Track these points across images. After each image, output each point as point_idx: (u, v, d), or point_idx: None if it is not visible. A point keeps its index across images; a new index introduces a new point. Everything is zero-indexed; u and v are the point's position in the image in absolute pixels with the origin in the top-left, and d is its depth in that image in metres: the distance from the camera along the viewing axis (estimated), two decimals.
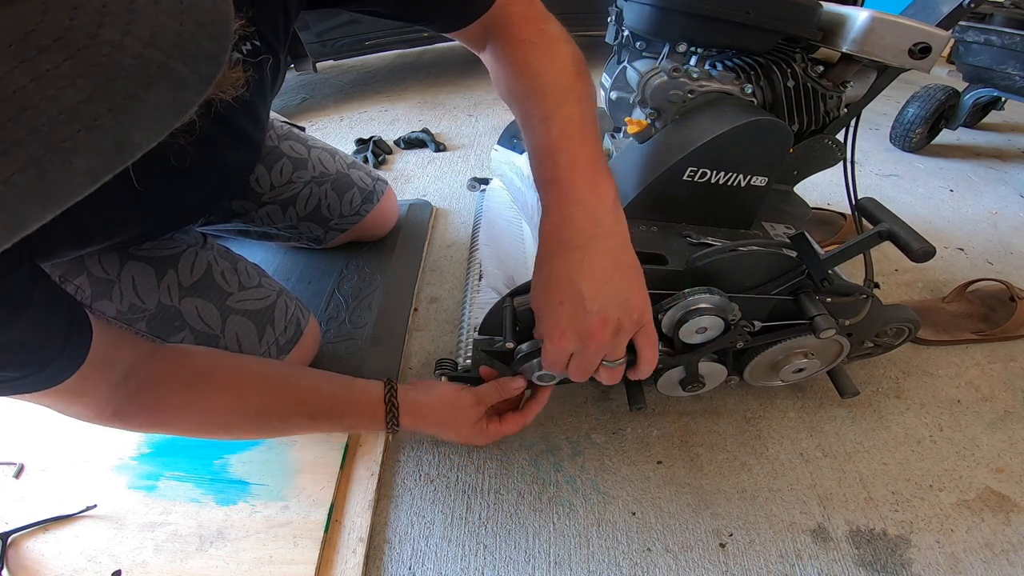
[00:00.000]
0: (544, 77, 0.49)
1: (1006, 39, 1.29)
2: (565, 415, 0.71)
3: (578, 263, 0.43)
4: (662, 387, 0.64)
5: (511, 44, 0.51)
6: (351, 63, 2.29)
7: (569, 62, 0.50)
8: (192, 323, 0.61)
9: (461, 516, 0.60)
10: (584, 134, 0.47)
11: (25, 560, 0.56)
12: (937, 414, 0.72)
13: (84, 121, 0.18)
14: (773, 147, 0.56)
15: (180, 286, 0.61)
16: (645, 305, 0.46)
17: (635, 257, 0.46)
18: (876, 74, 0.63)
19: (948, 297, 0.88)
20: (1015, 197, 1.29)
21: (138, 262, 0.60)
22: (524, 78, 0.50)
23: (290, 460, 0.65)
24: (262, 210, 0.83)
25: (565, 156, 0.46)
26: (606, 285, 0.43)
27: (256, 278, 0.69)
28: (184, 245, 0.64)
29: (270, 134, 0.83)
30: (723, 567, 0.56)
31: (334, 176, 0.87)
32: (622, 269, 0.45)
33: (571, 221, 0.44)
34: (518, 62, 0.50)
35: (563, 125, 0.47)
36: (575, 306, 0.43)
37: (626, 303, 0.44)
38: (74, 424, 0.69)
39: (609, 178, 0.47)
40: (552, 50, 0.50)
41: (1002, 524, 0.60)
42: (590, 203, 0.44)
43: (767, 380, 0.69)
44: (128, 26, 0.18)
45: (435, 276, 0.96)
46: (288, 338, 0.68)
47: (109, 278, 0.58)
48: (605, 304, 0.43)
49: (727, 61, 0.64)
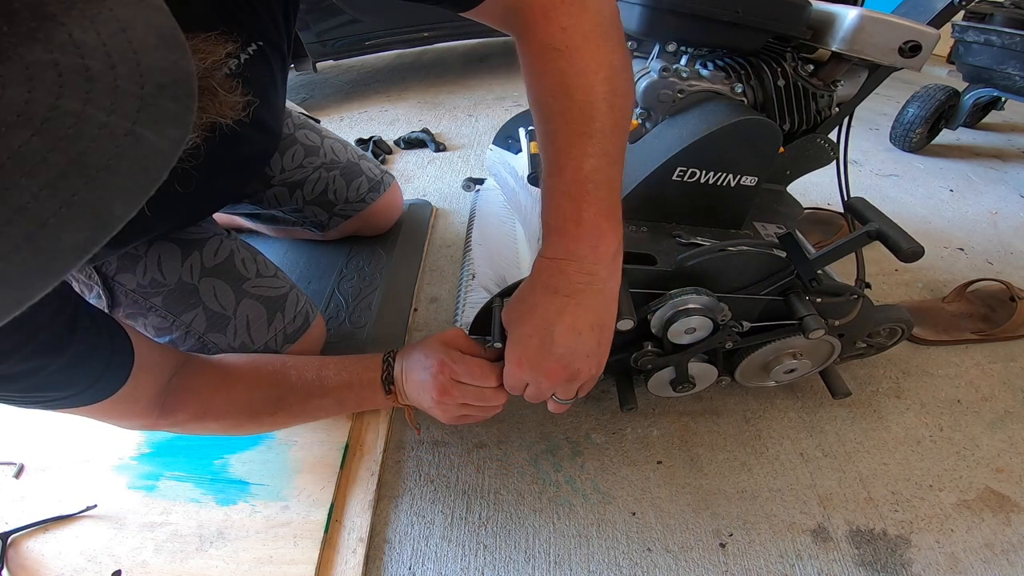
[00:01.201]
0: (567, 100, 0.42)
1: (1006, 39, 1.29)
2: (565, 415, 0.71)
3: (558, 310, 0.44)
4: (653, 388, 0.64)
5: (533, 48, 0.43)
6: (351, 63, 2.29)
7: (601, 76, 0.42)
8: (207, 301, 0.63)
9: (461, 516, 0.60)
10: (597, 180, 0.43)
11: (25, 560, 0.56)
12: (937, 414, 0.72)
13: (63, 197, 0.17)
14: (763, 146, 0.56)
15: (203, 266, 0.64)
16: (604, 360, 0.48)
17: (614, 315, 0.47)
18: (867, 73, 0.63)
19: (948, 297, 0.88)
20: (1015, 197, 1.29)
21: (166, 242, 0.63)
22: (545, 94, 0.43)
23: (290, 460, 0.65)
24: (270, 191, 0.85)
25: (571, 208, 0.43)
26: (578, 337, 0.45)
27: (273, 270, 0.71)
28: (211, 232, 0.67)
29: (287, 122, 0.85)
30: (723, 567, 0.56)
31: (344, 164, 0.89)
32: (597, 328, 0.46)
33: (563, 273, 0.44)
34: (539, 71, 0.43)
35: (577, 167, 0.42)
36: (542, 345, 0.45)
37: (589, 358, 0.46)
38: (74, 424, 0.69)
39: (615, 228, 0.45)
40: (581, 60, 0.42)
41: (1002, 524, 0.60)
42: (587, 259, 0.44)
43: (759, 381, 0.69)
44: (88, 94, 0.18)
45: (435, 276, 0.96)
46: (296, 328, 0.69)
47: (137, 254, 0.62)
48: (569, 353, 0.45)
49: (717, 60, 0.64)
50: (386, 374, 0.56)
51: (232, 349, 0.64)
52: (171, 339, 0.63)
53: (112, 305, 0.62)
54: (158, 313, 0.62)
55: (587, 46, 0.42)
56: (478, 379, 0.52)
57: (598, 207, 0.43)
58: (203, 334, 0.63)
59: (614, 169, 0.44)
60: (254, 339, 0.65)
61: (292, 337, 0.68)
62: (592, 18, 0.42)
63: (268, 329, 0.66)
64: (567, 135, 0.42)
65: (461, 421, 0.55)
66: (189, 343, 0.63)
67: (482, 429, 0.69)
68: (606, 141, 0.43)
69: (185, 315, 0.62)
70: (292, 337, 0.68)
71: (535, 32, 0.43)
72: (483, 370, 0.52)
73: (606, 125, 0.42)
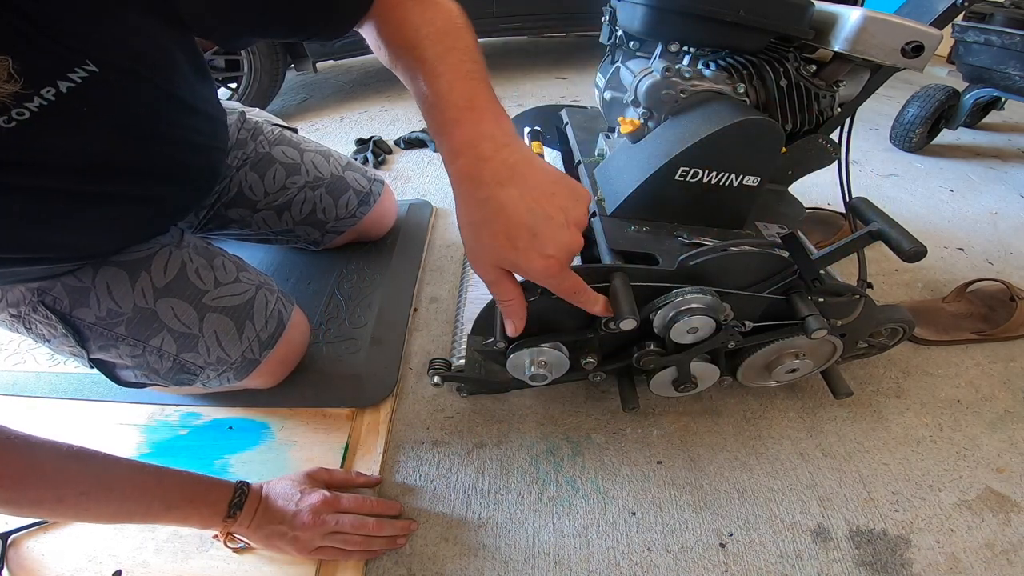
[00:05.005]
0: (427, 27, 0.47)
1: (1006, 39, 1.29)
2: (565, 415, 0.71)
3: (500, 196, 0.40)
4: (655, 388, 0.64)
5: (388, 6, 0.49)
6: (351, 63, 2.29)
7: (453, 13, 0.49)
8: (169, 323, 0.60)
9: (461, 516, 0.60)
10: (478, 76, 0.45)
11: (25, 560, 0.56)
12: (937, 414, 0.72)
13: None
14: (765, 147, 0.56)
15: (154, 288, 0.60)
16: (581, 221, 0.43)
17: (561, 175, 0.44)
18: (870, 73, 0.63)
19: (948, 297, 0.88)
20: (1015, 197, 1.29)
21: (111, 267, 0.59)
22: (406, 31, 0.47)
23: (290, 460, 0.65)
24: (257, 216, 0.83)
25: (460, 99, 0.43)
26: (552, 196, 0.41)
27: (233, 273, 0.67)
28: (158, 245, 0.62)
29: (260, 139, 0.82)
30: (723, 567, 0.56)
31: (328, 180, 0.87)
32: (557, 177, 0.43)
33: (481, 158, 0.41)
34: (397, 19, 0.48)
35: (455, 67, 0.44)
36: (509, 239, 0.41)
37: (562, 228, 0.41)
38: (73, 424, 0.69)
39: (508, 119, 0.44)
40: (431, 4, 0.49)
41: (1002, 524, 0.60)
42: (497, 136, 0.42)
43: (761, 381, 0.69)
44: None
45: (435, 276, 0.96)
46: (270, 333, 0.67)
47: (84, 285, 0.58)
48: (556, 210, 0.41)
49: (720, 60, 0.64)
50: (237, 499, 0.52)
51: (209, 365, 0.62)
52: (148, 364, 0.61)
53: (81, 341, 0.59)
54: (127, 342, 0.60)
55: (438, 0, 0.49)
56: (364, 508, 0.56)
57: (485, 96, 0.44)
58: (176, 355, 0.61)
59: (486, 74, 0.46)
60: (229, 353, 0.63)
61: (268, 343, 0.66)
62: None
63: (240, 340, 0.64)
64: (437, 52, 0.45)
65: (319, 554, 0.54)
66: (167, 365, 0.61)
67: (482, 429, 0.69)
68: (473, 52, 0.46)
69: (153, 340, 0.60)
70: (268, 343, 0.66)
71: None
72: (368, 502, 0.57)
73: (469, 41, 0.47)
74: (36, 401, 0.74)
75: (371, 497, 0.59)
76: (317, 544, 0.53)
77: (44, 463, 0.44)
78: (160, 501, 0.49)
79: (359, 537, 0.54)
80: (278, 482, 0.56)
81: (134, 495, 0.48)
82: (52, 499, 0.43)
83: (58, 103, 0.41)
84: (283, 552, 0.53)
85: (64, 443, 0.46)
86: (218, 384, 0.66)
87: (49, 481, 0.43)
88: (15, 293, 0.57)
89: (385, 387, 0.73)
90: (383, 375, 0.75)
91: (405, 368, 0.78)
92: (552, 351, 0.55)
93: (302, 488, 0.55)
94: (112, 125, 0.48)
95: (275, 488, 0.55)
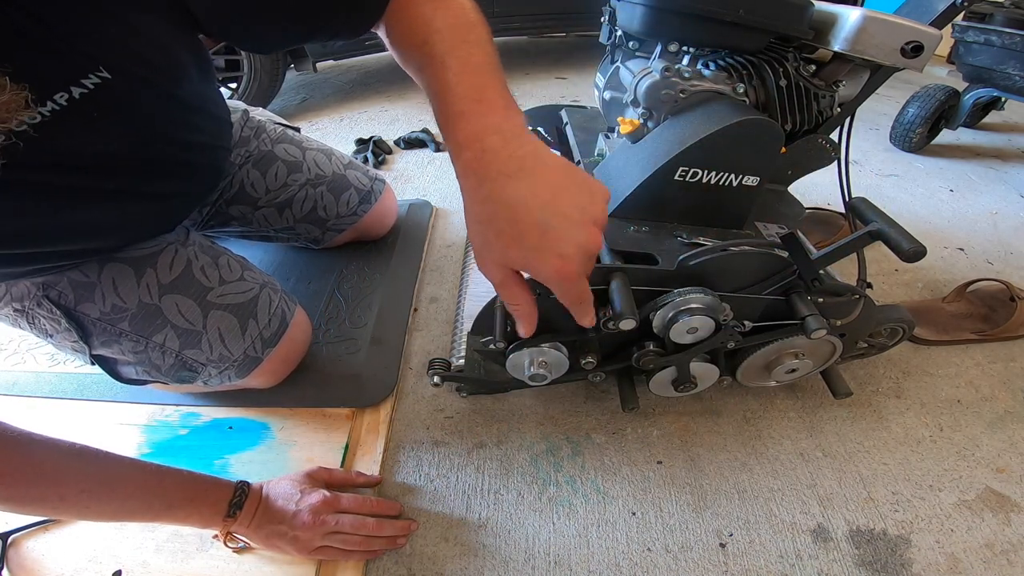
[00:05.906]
0: (439, 22, 0.46)
1: (1006, 39, 1.29)
2: (565, 415, 0.71)
3: (509, 192, 0.38)
4: (654, 388, 0.64)
5: (401, 4, 0.49)
6: (351, 63, 2.29)
7: (466, 8, 0.48)
8: (173, 320, 0.61)
9: (461, 516, 0.60)
10: (489, 69, 0.43)
11: (25, 560, 0.56)
12: (937, 414, 0.72)
13: None
14: (765, 146, 0.56)
15: (159, 284, 0.61)
16: (600, 218, 0.41)
17: (575, 169, 0.41)
18: (869, 73, 0.63)
19: (948, 297, 0.88)
20: (1015, 197, 1.29)
21: (116, 263, 0.60)
22: (418, 26, 0.46)
23: (290, 460, 0.65)
24: (258, 213, 0.84)
25: (470, 91, 0.41)
26: (566, 192, 0.39)
27: (238, 271, 0.67)
28: (164, 243, 0.63)
29: (263, 137, 0.83)
30: (723, 567, 0.56)
31: (330, 178, 0.87)
32: (571, 172, 0.40)
33: (488, 151, 0.39)
34: (410, 16, 0.48)
35: (464, 60, 0.43)
36: (515, 238, 0.38)
37: (578, 225, 0.39)
38: (74, 424, 0.69)
39: (519, 110, 0.43)
40: (445, 1, 0.48)
41: (1002, 524, 0.60)
42: (504, 128, 0.40)
43: (760, 381, 0.69)
44: None
45: (435, 276, 0.96)
46: (273, 331, 0.67)
47: (90, 281, 0.58)
48: (552, 232, 0.38)
49: (719, 60, 0.64)
50: (237, 499, 0.52)
51: (211, 362, 0.63)
52: (150, 360, 0.61)
53: (85, 336, 0.60)
54: (129, 338, 0.60)
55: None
56: (364, 508, 0.56)
57: (496, 89, 0.42)
58: (179, 352, 0.61)
59: (500, 68, 0.44)
60: (231, 350, 0.63)
61: (271, 342, 0.67)
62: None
63: (243, 337, 0.64)
64: (448, 45, 0.44)
65: (319, 554, 0.54)
66: (169, 362, 0.62)
67: (482, 429, 0.69)
68: (486, 45, 0.45)
69: (156, 336, 0.60)
70: (271, 342, 0.67)
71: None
72: (368, 502, 0.57)
73: (482, 34, 0.46)
74: (36, 401, 0.74)
75: (371, 497, 0.59)
76: (317, 544, 0.53)
77: (45, 461, 0.44)
78: (161, 500, 0.49)
79: (359, 537, 0.54)
80: (278, 482, 0.56)
81: (135, 493, 0.48)
82: (54, 497, 0.43)
83: (70, 108, 0.42)
84: (283, 552, 0.53)
85: (66, 441, 0.46)
86: (219, 382, 0.66)
87: (51, 479, 0.43)
88: (20, 288, 0.58)
89: (385, 387, 0.73)
90: (383, 375, 0.75)
91: (405, 368, 0.78)
92: (552, 351, 0.55)
93: (302, 488, 0.55)
94: (121, 127, 0.49)
95: (275, 488, 0.55)
